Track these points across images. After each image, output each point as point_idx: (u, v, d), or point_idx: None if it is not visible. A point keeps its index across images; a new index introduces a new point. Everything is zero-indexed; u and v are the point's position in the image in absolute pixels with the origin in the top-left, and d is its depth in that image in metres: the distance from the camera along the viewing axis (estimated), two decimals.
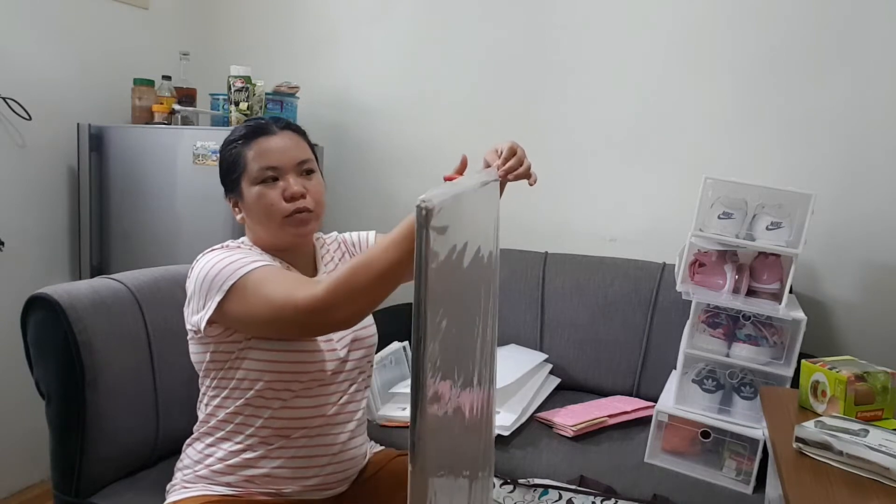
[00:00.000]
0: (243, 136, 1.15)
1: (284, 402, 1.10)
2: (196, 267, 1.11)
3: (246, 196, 1.14)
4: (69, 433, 1.24)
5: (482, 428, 0.92)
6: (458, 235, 0.70)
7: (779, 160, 2.00)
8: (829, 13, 1.92)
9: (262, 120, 1.19)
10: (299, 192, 1.13)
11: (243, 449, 1.11)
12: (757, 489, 1.52)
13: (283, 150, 1.14)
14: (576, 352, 2.07)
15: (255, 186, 1.13)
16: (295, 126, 1.20)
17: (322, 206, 1.18)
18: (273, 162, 1.13)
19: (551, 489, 1.51)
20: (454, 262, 0.69)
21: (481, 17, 2.32)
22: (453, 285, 0.70)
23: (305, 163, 1.16)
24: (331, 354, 1.14)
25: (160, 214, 2.13)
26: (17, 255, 2.13)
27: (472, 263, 0.78)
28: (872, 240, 1.93)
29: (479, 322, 0.84)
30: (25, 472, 2.20)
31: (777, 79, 1.99)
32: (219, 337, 1.10)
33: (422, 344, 0.60)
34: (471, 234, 0.77)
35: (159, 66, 2.36)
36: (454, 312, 0.71)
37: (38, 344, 1.25)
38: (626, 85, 2.17)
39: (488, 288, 0.90)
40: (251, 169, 1.13)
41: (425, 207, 0.59)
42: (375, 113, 2.50)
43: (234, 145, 1.15)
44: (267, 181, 1.12)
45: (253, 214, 1.15)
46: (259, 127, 1.16)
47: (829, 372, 1.20)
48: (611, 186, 2.22)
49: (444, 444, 0.71)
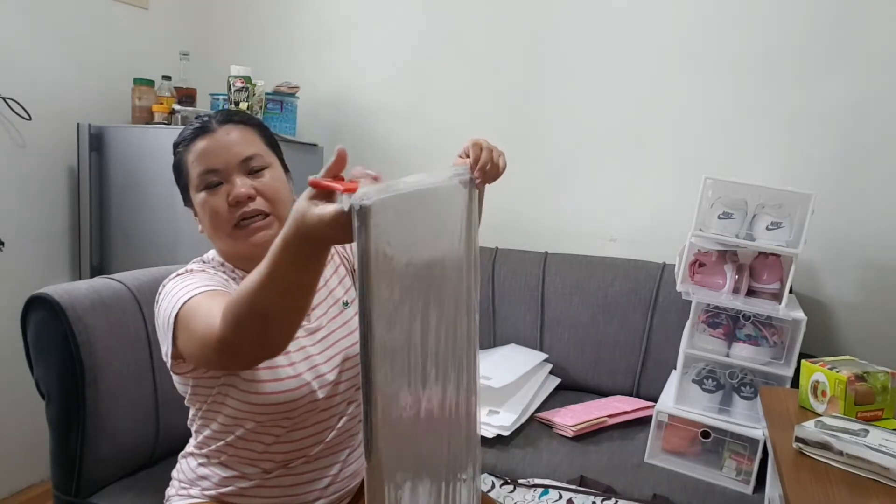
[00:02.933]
0: (184, 139, 1.04)
1: (278, 437, 1.02)
2: (159, 300, 1.00)
3: (195, 205, 1.03)
4: (69, 433, 1.24)
5: (456, 428, 0.87)
6: (402, 237, 0.67)
7: (779, 160, 2.00)
8: (829, 12, 1.92)
9: (205, 118, 1.05)
10: (244, 194, 0.98)
11: (238, 477, 1.04)
12: (757, 489, 1.52)
13: (224, 148, 1.00)
14: (576, 352, 2.07)
15: (199, 193, 1.01)
16: (241, 117, 1.06)
17: (282, 204, 1.02)
18: (212, 164, 1.00)
19: (551, 489, 1.51)
20: (396, 264, 0.66)
21: (482, 16, 2.32)
22: (399, 286, 0.67)
23: (252, 159, 1.02)
24: (319, 381, 1.03)
25: (160, 214, 2.13)
26: (17, 255, 2.13)
27: (428, 263, 0.75)
28: (872, 240, 1.93)
29: (443, 322, 0.80)
30: (25, 472, 2.20)
31: (777, 78, 1.99)
32: (192, 373, 1.00)
33: (368, 345, 0.60)
34: (423, 235, 0.74)
35: (159, 66, 2.36)
36: (405, 313, 0.69)
37: (38, 344, 1.25)
38: (625, 85, 2.17)
39: (457, 286, 0.85)
40: (192, 175, 1.01)
41: (361, 206, 0.58)
42: (375, 113, 2.50)
43: (178, 150, 1.05)
44: (209, 187, 1.00)
45: (204, 226, 1.04)
46: (197, 127, 1.03)
47: (829, 372, 1.20)
48: (611, 186, 2.22)
49: (403, 446, 0.70)
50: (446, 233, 0.83)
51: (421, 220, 0.75)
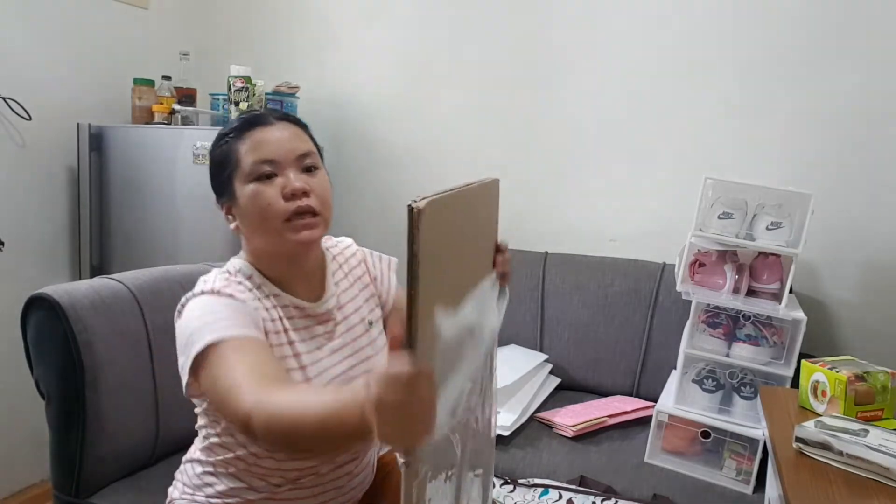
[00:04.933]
0: (236, 128, 1.01)
1: (292, 455, 1.00)
2: (182, 314, 0.96)
3: (239, 197, 0.99)
4: (69, 433, 1.24)
5: (478, 431, 0.88)
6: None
7: (779, 160, 2.00)
8: (829, 12, 1.92)
9: (257, 111, 1.07)
10: (301, 188, 0.96)
11: (246, 488, 1.01)
12: (757, 489, 1.52)
13: (281, 142, 0.99)
14: (576, 352, 2.07)
15: (250, 184, 0.97)
16: (295, 118, 1.07)
17: (329, 208, 1.02)
18: (269, 154, 0.97)
19: (551, 489, 1.51)
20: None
21: (482, 16, 2.32)
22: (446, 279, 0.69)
23: (307, 156, 1.01)
24: None
25: (160, 214, 2.13)
26: (17, 255, 2.13)
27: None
28: (872, 240, 1.93)
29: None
30: (25, 472, 2.20)
31: (777, 78, 1.99)
32: (205, 398, 0.99)
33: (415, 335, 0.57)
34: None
35: (159, 66, 2.36)
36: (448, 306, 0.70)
37: (38, 344, 1.25)
38: (625, 85, 2.17)
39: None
40: (244, 164, 0.97)
41: (416, 208, 0.57)
42: (375, 113, 2.50)
43: (226, 139, 1.01)
44: (262, 178, 0.97)
45: (248, 219, 0.99)
46: (253, 118, 1.02)
47: (829, 372, 1.21)
48: (611, 186, 2.22)
49: (438, 448, 0.70)
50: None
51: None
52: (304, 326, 1.04)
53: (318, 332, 1.05)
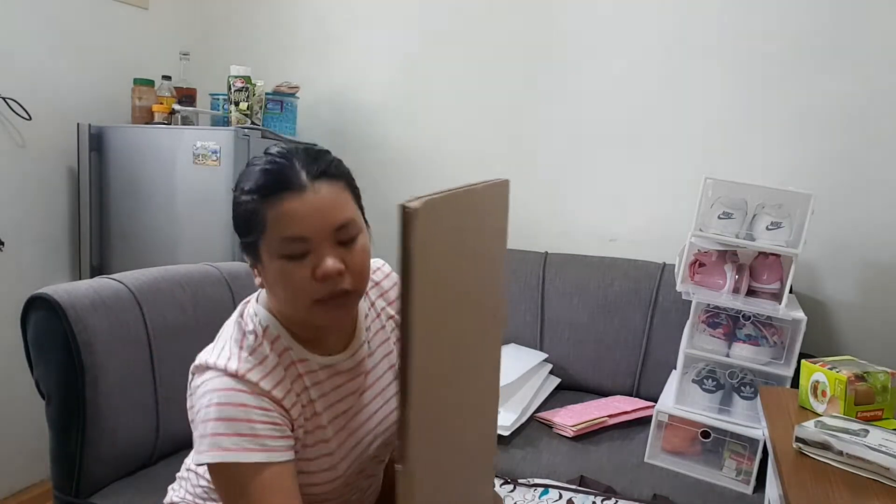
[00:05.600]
0: (260, 187, 0.84)
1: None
2: (195, 389, 0.87)
3: (267, 267, 0.86)
4: (69, 433, 1.24)
5: (479, 426, 0.87)
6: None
7: (779, 160, 2.00)
8: (829, 13, 1.92)
9: (286, 161, 0.85)
10: (335, 270, 0.83)
11: None
12: (757, 489, 1.52)
13: (316, 214, 0.83)
14: (576, 352, 2.07)
15: (277, 261, 0.84)
16: (335, 170, 0.88)
17: (366, 280, 0.90)
18: (301, 231, 0.83)
19: (551, 489, 1.51)
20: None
21: (481, 16, 2.32)
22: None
23: (346, 227, 0.85)
24: (358, 466, 0.98)
25: (160, 214, 2.13)
26: (17, 255, 2.13)
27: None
28: (872, 240, 1.93)
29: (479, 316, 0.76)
30: (25, 472, 2.20)
31: (778, 79, 1.99)
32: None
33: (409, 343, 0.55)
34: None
35: (159, 66, 2.36)
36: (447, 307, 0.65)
37: (38, 344, 1.25)
38: (626, 85, 2.17)
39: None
40: (271, 237, 0.84)
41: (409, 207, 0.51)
42: (375, 113, 2.50)
43: (250, 199, 0.85)
44: (293, 257, 0.84)
45: (275, 292, 0.89)
46: (282, 179, 0.84)
47: (829, 372, 1.21)
48: (611, 186, 2.22)
49: (435, 448, 0.69)
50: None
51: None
52: (333, 388, 0.95)
53: (348, 389, 0.97)
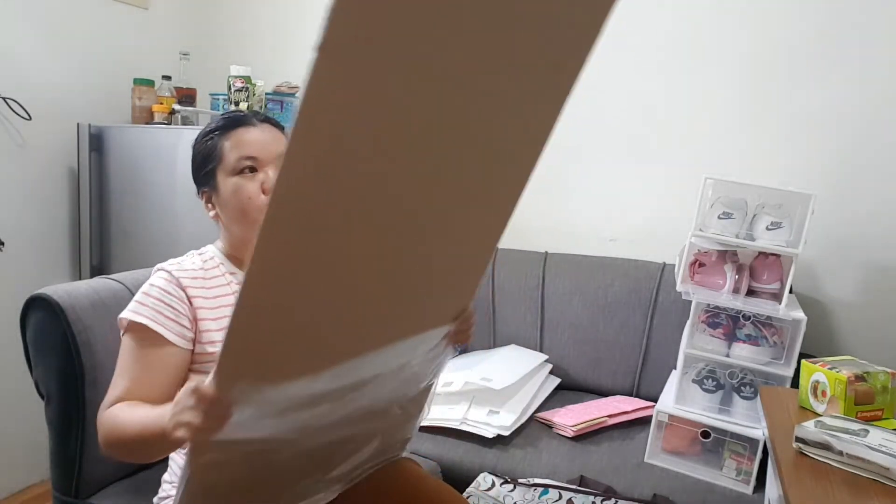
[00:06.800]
0: (221, 126, 1.12)
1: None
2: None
3: (221, 189, 1.10)
4: (69, 433, 1.24)
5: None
6: None
7: (779, 160, 2.00)
8: (830, 14, 1.92)
9: (241, 112, 1.16)
10: None
11: None
12: (757, 489, 1.52)
13: (263, 143, 1.10)
14: (576, 352, 2.07)
15: (232, 178, 1.09)
16: (275, 121, 1.17)
17: None
18: (252, 152, 1.09)
19: (551, 489, 1.51)
20: None
21: None
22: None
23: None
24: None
25: (160, 214, 2.13)
26: (17, 255, 2.13)
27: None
28: (872, 240, 1.93)
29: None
30: (25, 472, 2.20)
31: (777, 79, 1.99)
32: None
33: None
34: None
35: (159, 66, 2.36)
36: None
37: (37, 344, 1.25)
38: (625, 85, 2.17)
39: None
40: (228, 159, 1.09)
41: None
42: None
43: (211, 136, 1.12)
44: (244, 172, 1.08)
45: (228, 209, 1.10)
46: (238, 118, 1.13)
47: (829, 372, 1.20)
48: (611, 186, 2.22)
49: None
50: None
51: None
52: None
53: None
